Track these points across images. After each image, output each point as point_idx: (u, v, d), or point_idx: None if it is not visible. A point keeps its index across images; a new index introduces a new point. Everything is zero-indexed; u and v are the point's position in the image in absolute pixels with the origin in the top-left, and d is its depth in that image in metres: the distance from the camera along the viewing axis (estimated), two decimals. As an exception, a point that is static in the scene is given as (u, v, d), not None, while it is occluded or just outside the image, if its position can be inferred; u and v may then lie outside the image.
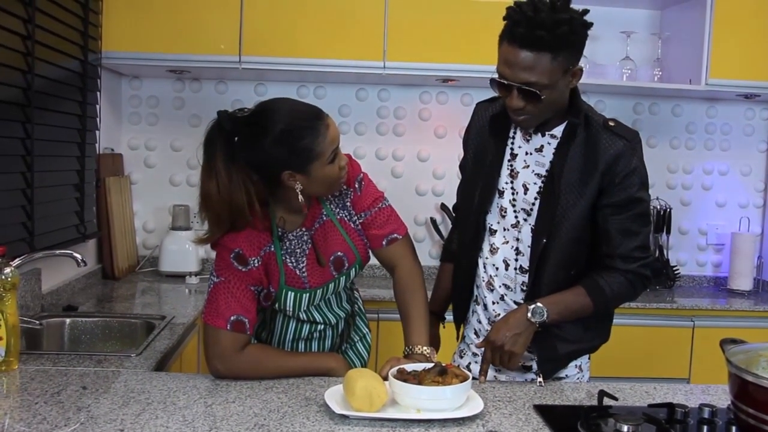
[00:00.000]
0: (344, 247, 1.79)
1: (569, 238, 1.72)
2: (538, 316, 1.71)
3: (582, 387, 1.79)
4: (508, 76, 1.61)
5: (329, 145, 1.60)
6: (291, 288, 1.71)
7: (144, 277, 3.38)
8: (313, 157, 1.59)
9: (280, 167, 1.60)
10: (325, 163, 1.60)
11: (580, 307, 1.75)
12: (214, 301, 1.67)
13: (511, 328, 1.71)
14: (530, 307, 1.71)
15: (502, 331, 1.72)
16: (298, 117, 1.59)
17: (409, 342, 1.78)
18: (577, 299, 1.74)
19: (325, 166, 1.61)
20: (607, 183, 1.69)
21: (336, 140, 1.63)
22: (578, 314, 1.77)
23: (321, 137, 1.58)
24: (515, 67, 1.59)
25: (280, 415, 1.51)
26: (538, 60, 1.57)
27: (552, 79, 1.60)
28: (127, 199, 3.46)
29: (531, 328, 1.73)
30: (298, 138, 1.57)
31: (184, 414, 1.49)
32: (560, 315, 1.73)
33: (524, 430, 1.47)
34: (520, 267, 1.80)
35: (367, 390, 1.48)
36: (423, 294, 1.85)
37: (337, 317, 1.86)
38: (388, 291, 3.20)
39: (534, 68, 1.57)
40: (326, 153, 1.59)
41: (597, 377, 1.96)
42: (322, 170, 1.61)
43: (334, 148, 1.62)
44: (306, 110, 1.62)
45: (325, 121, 1.61)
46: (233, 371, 1.69)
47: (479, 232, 1.85)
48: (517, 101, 1.63)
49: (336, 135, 1.63)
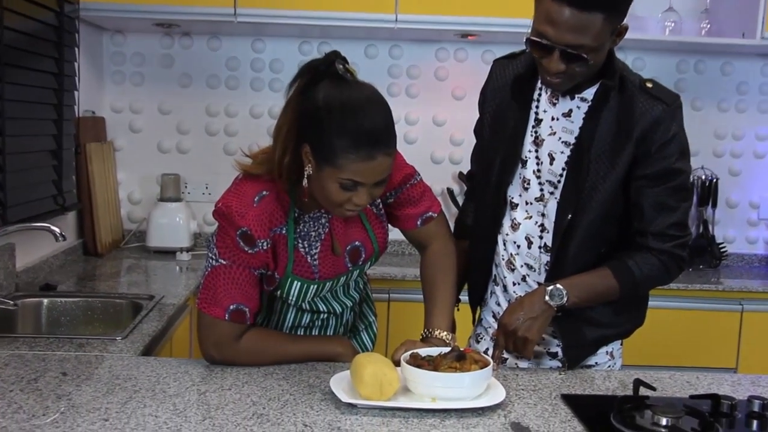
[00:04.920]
0: (363, 236, 1.78)
1: (598, 214, 1.72)
2: (557, 299, 1.71)
3: (614, 375, 1.79)
4: (551, 36, 1.57)
5: (355, 174, 1.52)
6: (298, 277, 1.70)
7: (130, 253, 3.39)
8: (331, 162, 1.52)
9: (309, 134, 1.55)
10: (337, 180, 1.53)
11: (604, 289, 1.74)
12: (212, 286, 1.66)
13: (526, 312, 1.72)
14: (548, 289, 1.71)
15: (516, 314, 1.72)
16: (366, 119, 1.51)
17: (429, 325, 1.79)
18: (601, 281, 1.74)
19: (335, 184, 1.54)
20: (642, 152, 1.68)
21: (368, 179, 1.54)
22: (603, 298, 1.76)
23: (354, 158, 1.50)
24: (561, 27, 1.55)
25: (281, 403, 1.51)
26: (589, 21, 1.53)
27: (600, 41, 1.57)
28: (110, 168, 3.46)
29: (548, 312, 1.73)
30: (340, 131, 1.50)
31: (175, 402, 1.49)
32: (581, 298, 1.73)
33: (551, 422, 1.47)
34: (544, 245, 1.80)
35: (376, 376, 1.47)
36: (454, 276, 1.85)
37: (343, 306, 1.86)
38: (399, 269, 3.22)
39: (584, 30, 1.54)
40: (345, 174, 1.52)
41: (630, 366, 1.97)
42: (330, 183, 1.54)
43: (358, 182, 1.54)
44: (377, 127, 1.52)
45: (376, 153, 1.51)
46: (230, 359, 1.70)
47: (499, 205, 1.84)
48: (558, 64, 1.60)
49: (372, 177, 1.54)
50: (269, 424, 1.41)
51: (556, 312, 1.74)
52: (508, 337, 1.74)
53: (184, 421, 1.41)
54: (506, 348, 1.77)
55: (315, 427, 1.41)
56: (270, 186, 1.64)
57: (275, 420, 1.43)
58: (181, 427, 1.38)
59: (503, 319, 1.75)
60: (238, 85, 3.61)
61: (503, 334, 1.75)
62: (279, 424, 1.41)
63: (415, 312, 2.04)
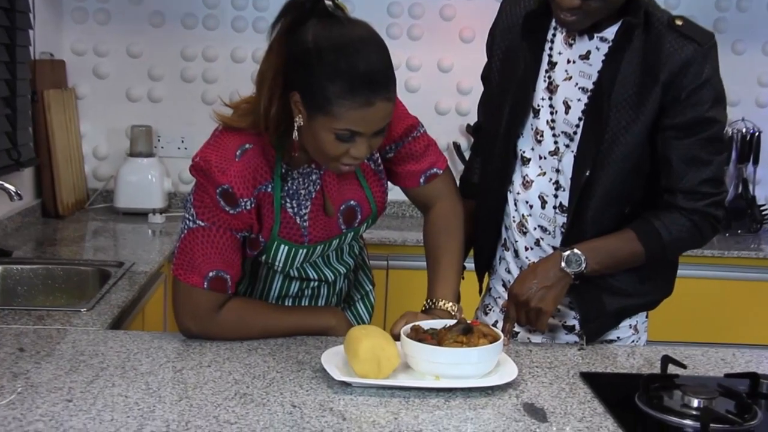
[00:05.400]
0: (359, 195, 1.78)
1: (621, 169, 1.72)
2: (574, 266, 1.71)
3: (638, 352, 1.79)
4: None
5: (352, 123, 1.52)
6: (285, 241, 1.70)
7: (95, 215, 3.38)
8: (324, 110, 1.52)
9: (297, 80, 1.54)
10: (332, 130, 1.53)
11: (628, 254, 1.75)
12: (188, 251, 1.66)
13: (539, 280, 1.72)
14: (564, 254, 1.72)
15: (529, 282, 1.73)
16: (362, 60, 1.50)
17: (433, 294, 1.79)
18: (625, 245, 1.74)
19: (330, 135, 1.54)
20: (670, 98, 1.67)
21: (366, 128, 1.54)
22: (626, 264, 1.77)
23: (350, 104, 1.50)
24: None
25: (267, 382, 1.51)
26: None
27: None
28: (72, 118, 3.44)
29: (564, 281, 1.73)
30: (333, 75, 1.49)
31: (148, 381, 1.50)
32: (602, 264, 1.73)
33: (568, 402, 1.48)
34: (559, 205, 1.81)
35: (373, 352, 1.48)
36: (461, 239, 1.86)
37: (336, 273, 1.86)
38: (399, 232, 3.23)
39: None
40: (340, 123, 1.52)
41: (657, 341, 1.97)
42: (324, 134, 1.54)
43: (356, 131, 1.54)
44: (375, 68, 1.51)
45: (375, 98, 1.51)
46: (209, 333, 1.71)
47: (509, 160, 1.84)
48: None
49: (371, 125, 1.54)
50: (253, 405, 1.40)
51: (574, 280, 1.73)
52: (520, 309, 1.74)
53: (157, 401, 1.41)
54: (518, 320, 1.77)
55: (304, 407, 1.40)
56: (254, 138, 1.64)
57: (260, 400, 1.43)
58: (154, 408, 1.38)
59: (514, 289, 1.76)
60: (217, 25, 3.57)
61: (514, 304, 1.75)
62: (264, 404, 1.41)
63: (416, 280, 2.05)
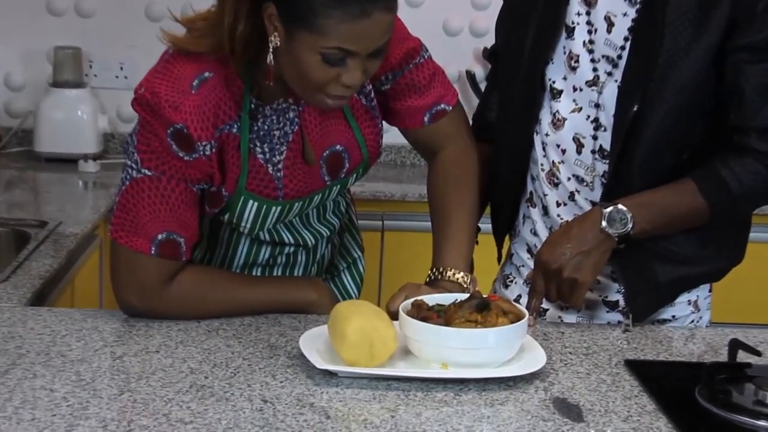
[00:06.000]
0: (348, 138, 1.79)
1: (678, 104, 1.72)
2: (619, 225, 1.69)
3: (699, 334, 1.80)
4: None
5: (343, 40, 1.52)
6: (254, 195, 1.71)
7: (10, 161, 3.38)
8: (308, 24, 1.52)
9: None
10: (318, 50, 1.53)
11: (687, 211, 1.75)
12: (131, 208, 1.66)
13: (575, 243, 1.71)
14: (606, 211, 1.70)
15: (561, 246, 1.72)
16: None
17: (440, 262, 1.80)
18: (682, 199, 1.74)
19: (315, 57, 1.54)
20: (743, 11, 1.67)
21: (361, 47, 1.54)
22: (684, 223, 1.77)
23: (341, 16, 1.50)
24: None
25: (230, 371, 1.51)
26: None
27: None
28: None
29: (606, 245, 1.72)
30: None
31: (79, 371, 1.48)
32: (653, 224, 1.72)
33: (609, 398, 1.47)
34: (599, 149, 1.79)
35: (365, 334, 1.47)
36: (475, 193, 1.88)
37: (317, 236, 1.88)
38: (398, 185, 3.30)
39: None
40: (328, 40, 1.52)
41: (723, 323, 1.97)
42: (307, 55, 1.55)
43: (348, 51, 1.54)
44: None
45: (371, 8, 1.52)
46: (158, 310, 1.71)
47: (535, 93, 1.84)
48: None
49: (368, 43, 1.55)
50: (213, 400, 1.39)
51: (618, 244, 1.71)
52: (550, 279, 1.73)
53: (92, 396, 1.39)
54: (547, 295, 1.76)
55: (278, 403, 1.40)
56: (215, 66, 1.64)
57: (222, 394, 1.41)
58: (87, 404, 1.37)
59: (543, 254, 1.74)
60: None
61: (543, 274, 1.74)
62: (227, 399, 1.40)
63: (418, 245, 2.09)
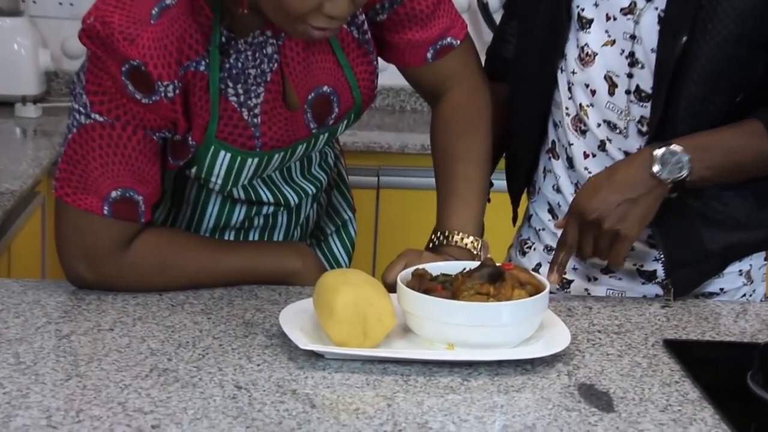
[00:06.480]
0: (337, 78, 1.79)
1: (733, 35, 1.70)
2: (673, 169, 1.67)
3: (752, 310, 1.81)
4: None
5: None
6: (226, 145, 1.71)
7: None
8: None
9: None
10: None
11: (754, 156, 1.74)
12: (79, 160, 1.65)
13: (619, 189, 1.69)
14: (657, 153, 1.68)
15: (603, 192, 1.70)
16: None
17: (446, 224, 1.81)
18: (748, 142, 1.73)
19: None
20: None
21: None
22: (750, 171, 1.77)
23: None
24: None
25: (198, 353, 1.50)
26: None
27: None
28: None
29: (656, 192, 1.70)
30: None
31: (18, 352, 1.48)
32: (715, 170, 1.71)
33: (645, 383, 1.45)
34: (636, 89, 1.79)
35: (357, 308, 1.47)
36: (486, 143, 1.88)
37: (300, 194, 1.89)
38: (396, 134, 3.31)
39: None
40: None
41: None
42: None
43: None
44: None
45: None
46: (112, 280, 1.70)
47: (559, 23, 1.85)
48: None
49: None
50: (178, 386, 1.38)
51: (670, 192, 1.69)
52: (587, 231, 1.71)
53: (33, 382, 1.38)
54: (580, 249, 1.74)
55: (254, 389, 1.38)
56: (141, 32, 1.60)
57: (188, 379, 1.40)
58: (28, 390, 1.35)
59: (581, 201, 1.72)
60: None
61: (579, 224, 1.72)
62: (194, 385, 1.38)
63: (419, 204, 2.11)
